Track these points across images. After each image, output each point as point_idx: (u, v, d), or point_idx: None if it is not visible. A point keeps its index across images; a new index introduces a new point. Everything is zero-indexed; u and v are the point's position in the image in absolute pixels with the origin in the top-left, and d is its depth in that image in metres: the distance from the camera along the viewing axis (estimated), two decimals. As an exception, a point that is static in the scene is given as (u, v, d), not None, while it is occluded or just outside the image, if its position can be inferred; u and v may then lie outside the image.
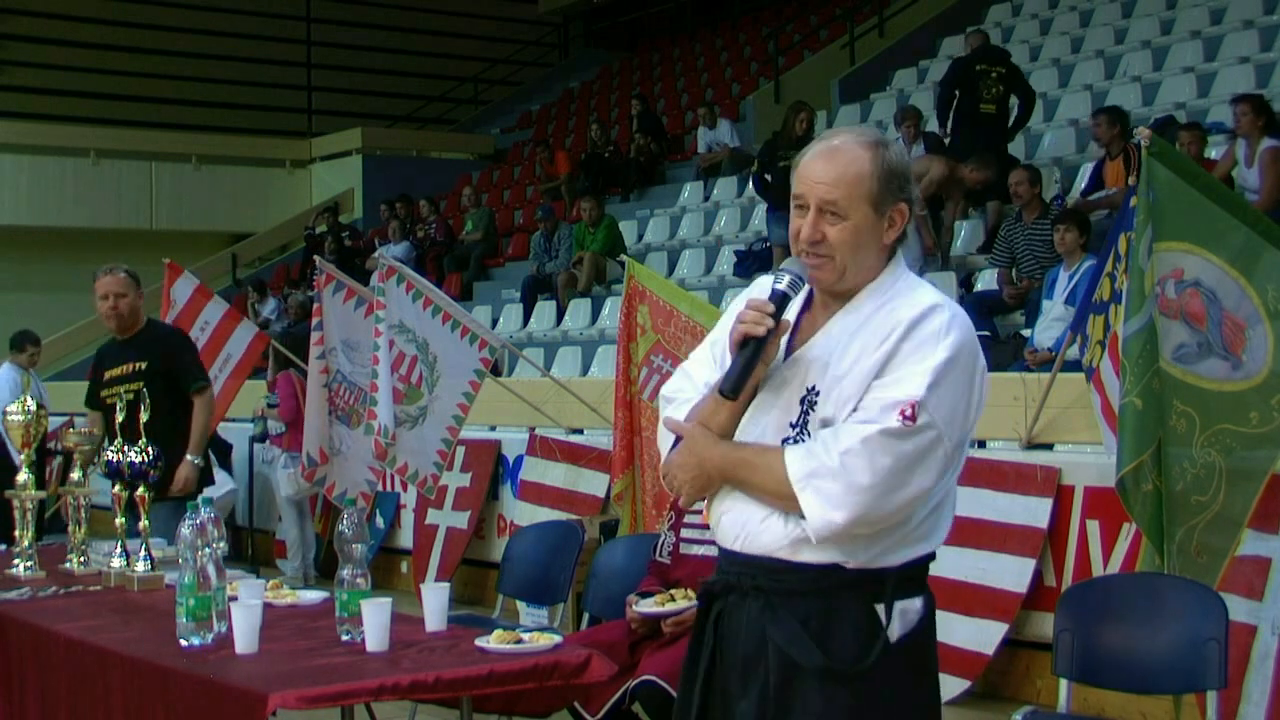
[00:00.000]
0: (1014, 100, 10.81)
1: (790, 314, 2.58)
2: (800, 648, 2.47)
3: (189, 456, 6.02)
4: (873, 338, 2.47)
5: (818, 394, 2.49)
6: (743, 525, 2.53)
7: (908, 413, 2.39)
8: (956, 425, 2.46)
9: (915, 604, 2.56)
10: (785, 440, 2.51)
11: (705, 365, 2.66)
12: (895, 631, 2.52)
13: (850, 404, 2.45)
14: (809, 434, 2.48)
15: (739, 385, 2.49)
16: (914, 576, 2.57)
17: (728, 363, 2.57)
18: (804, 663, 2.46)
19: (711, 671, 2.59)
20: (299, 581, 8.95)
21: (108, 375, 6.16)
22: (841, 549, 2.46)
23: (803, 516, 2.44)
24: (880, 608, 2.50)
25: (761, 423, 2.54)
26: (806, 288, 2.58)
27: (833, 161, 2.51)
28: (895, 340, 2.44)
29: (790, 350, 2.58)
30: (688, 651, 2.69)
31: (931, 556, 2.59)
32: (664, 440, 2.66)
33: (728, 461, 2.52)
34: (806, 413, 2.50)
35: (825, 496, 2.40)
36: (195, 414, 6.13)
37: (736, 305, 2.62)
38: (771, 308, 2.48)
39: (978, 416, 2.53)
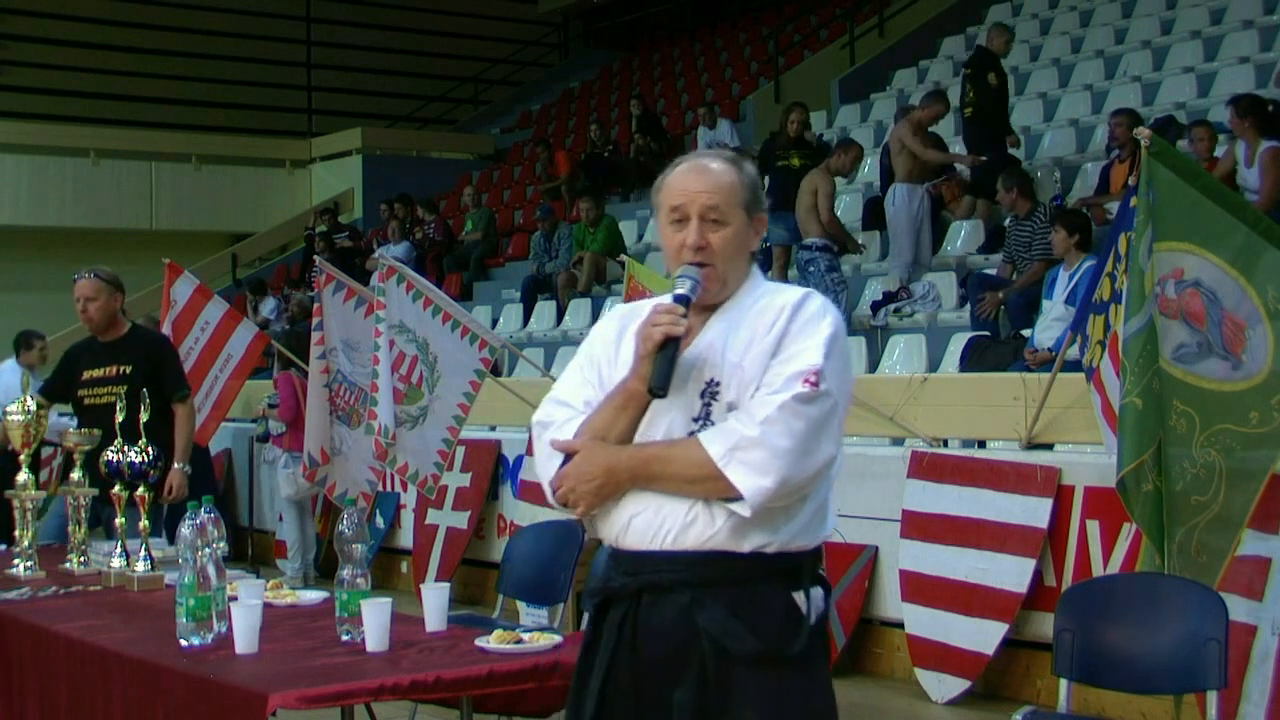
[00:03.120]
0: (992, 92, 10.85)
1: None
2: (734, 635, 2.58)
3: (177, 465, 6.04)
4: (760, 325, 2.65)
5: (718, 384, 2.64)
6: (661, 523, 2.62)
7: (812, 379, 2.57)
8: (845, 396, 2.66)
9: (820, 592, 2.70)
10: (691, 434, 2.63)
11: (581, 387, 2.78)
12: (812, 617, 2.66)
13: (753, 385, 2.60)
14: (713, 424, 2.62)
15: (668, 382, 2.60)
16: (817, 566, 2.72)
17: (610, 376, 2.72)
18: (738, 649, 2.57)
19: (612, 672, 2.67)
20: (299, 581, 8.96)
21: (87, 375, 6.15)
22: (766, 529, 2.59)
23: (726, 500, 2.56)
24: (798, 595, 2.64)
25: (662, 425, 2.65)
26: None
27: (706, 174, 2.72)
28: (784, 322, 2.63)
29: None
30: (580, 656, 2.79)
31: (821, 548, 2.73)
32: (544, 462, 2.74)
33: (637, 461, 2.62)
34: (709, 404, 2.64)
35: (751, 465, 2.53)
36: (179, 423, 6.17)
37: (594, 337, 2.85)
38: (682, 309, 2.62)
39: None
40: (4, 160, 18.31)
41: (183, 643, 3.51)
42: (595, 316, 12.66)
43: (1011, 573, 6.02)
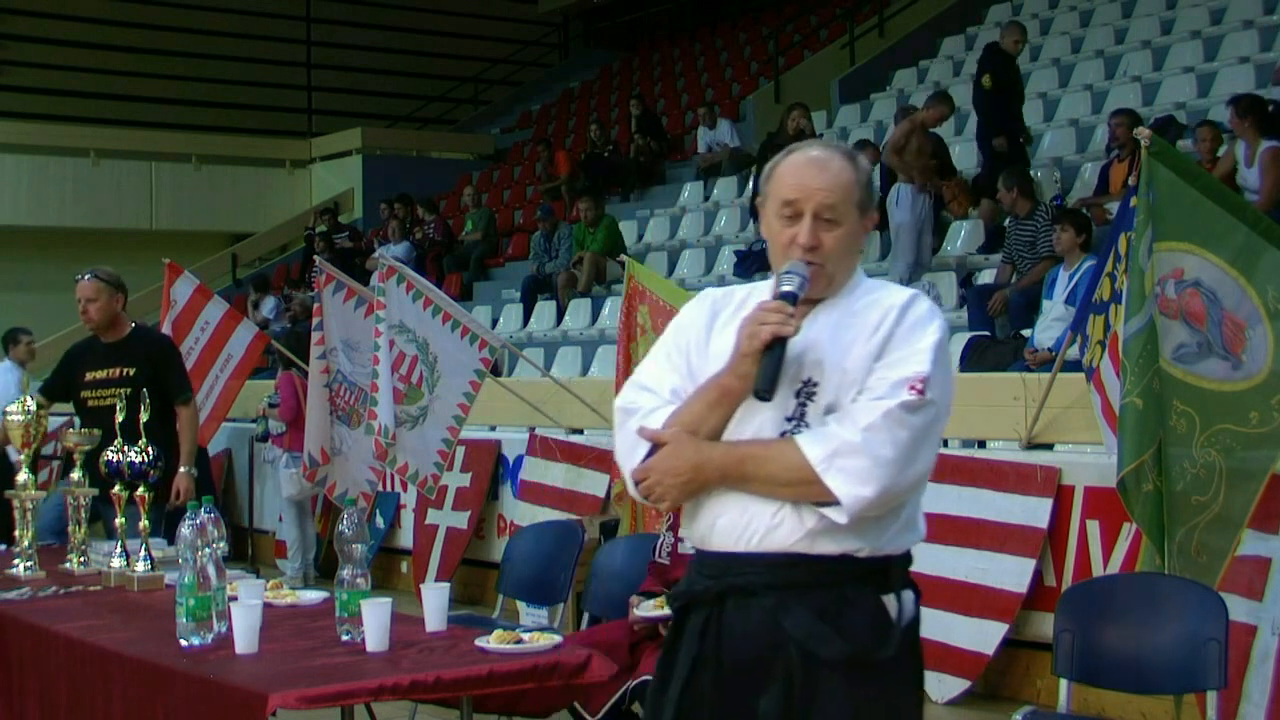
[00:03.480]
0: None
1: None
2: (821, 639, 2.50)
3: (183, 468, 6.05)
4: (864, 326, 2.56)
5: (815, 385, 2.55)
6: (747, 525, 2.54)
7: (918, 387, 2.48)
8: (947, 405, 2.56)
9: (910, 595, 2.62)
10: (783, 434, 2.54)
11: (668, 374, 2.68)
12: (902, 622, 2.58)
13: (854, 388, 2.52)
14: (807, 425, 2.53)
15: (775, 385, 2.51)
16: (907, 569, 2.64)
17: (700, 367, 2.62)
18: (827, 654, 2.50)
19: (694, 677, 2.58)
20: (299, 581, 8.95)
21: (90, 376, 6.15)
22: (858, 534, 2.51)
23: (819, 504, 2.48)
24: (888, 598, 2.56)
25: (753, 423, 2.56)
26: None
27: (825, 171, 2.60)
28: (890, 325, 2.54)
29: None
30: (660, 661, 2.69)
31: (910, 553, 2.66)
32: (628, 450, 2.63)
33: (730, 459, 2.53)
34: (804, 405, 2.55)
35: (851, 473, 2.45)
36: (183, 426, 6.17)
37: (684, 317, 2.74)
38: (791, 308, 2.51)
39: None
40: (4, 160, 18.31)
41: (183, 643, 3.51)
42: (595, 316, 12.66)
43: (1011, 573, 6.02)
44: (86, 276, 6.20)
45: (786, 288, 2.54)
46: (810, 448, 2.48)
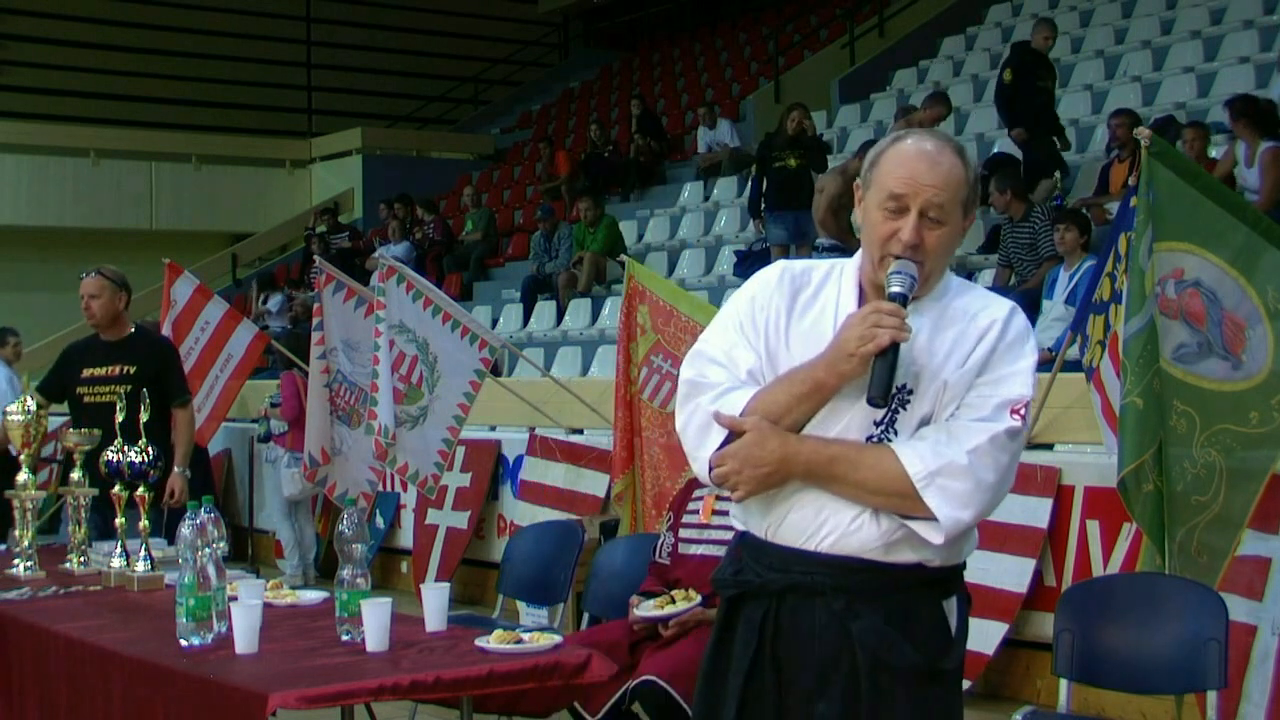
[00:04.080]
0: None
1: (846, 308, 2.54)
2: (893, 647, 2.46)
3: (178, 469, 6.07)
4: (964, 336, 2.48)
5: (910, 392, 2.47)
6: (821, 525, 2.48)
7: (1021, 411, 2.44)
8: (1029, 426, 2.53)
9: (957, 602, 2.59)
10: (869, 439, 2.47)
11: (744, 352, 2.55)
12: (959, 629, 2.56)
13: (954, 403, 2.46)
14: (895, 432, 2.47)
15: (889, 392, 2.42)
16: (961, 578, 2.62)
17: (778, 351, 2.53)
18: (895, 662, 2.46)
19: (756, 672, 2.53)
20: (299, 580, 8.96)
21: (87, 373, 6.17)
22: (935, 548, 2.46)
23: (906, 518, 2.43)
24: (948, 604, 2.54)
25: (839, 422, 2.48)
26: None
27: (937, 167, 2.48)
28: (994, 339, 2.47)
29: None
30: (711, 650, 2.63)
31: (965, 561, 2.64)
32: (698, 430, 2.53)
33: (820, 457, 2.45)
34: (895, 412, 2.47)
35: (953, 495, 2.40)
36: (180, 428, 6.20)
37: (759, 291, 2.59)
38: (905, 312, 2.42)
39: None
40: (4, 160, 18.30)
41: (183, 643, 3.51)
42: (595, 316, 12.66)
43: (1011, 573, 6.02)
44: (91, 273, 6.26)
45: (897, 288, 2.44)
46: (912, 462, 2.41)
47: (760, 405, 2.48)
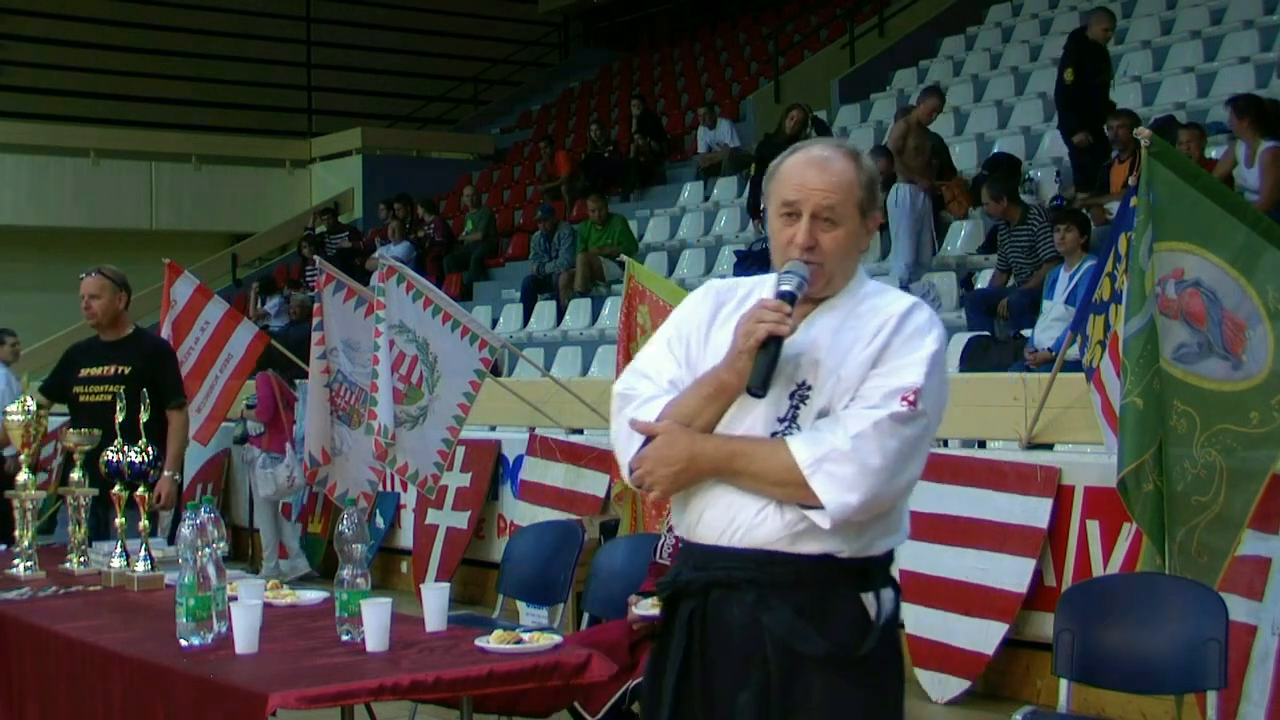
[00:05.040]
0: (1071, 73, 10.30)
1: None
2: (801, 637, 2.53)
3: (168, 473, 6.04)
4: (863, 332, 2.58)
5: (809, 388, 2.57)
6: (732, 520, 2.57)
7: (910, 398, 2.51)
8: (939, 416, 2.59)
9: (890, 593, 2.64)
10: (774, 434, 2.57)
11: (667, 363, 2.70)
12: (881, 619, 2.61)
13: (848, 395, 2.55)
14: (798, 427, 2.56)
15: (768, 383, 2.53)
16: (888, 568, 2.67)
17: (699, 358, 2.65)
18: (806, 651, 2.53)
19: (687, 668, 2.63)
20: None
21: (84, 372, 6.18)
22: (841, 537, 2.54)
23: (803, 506, 2.51)
24: (867, 597, 2.59)
25: (745, 420, 2.59)
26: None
27: (825, 171, 2.60)
28: (888, 333, 2.56)
29: None
30: (654, 651, 2.73)
31: (893, 552, 2.69)
32: (624, 438, 2.67)
33: (723, 454, 2.56)
34: (796, 407, 2.58)
35: (838, 479, 2.48)
36: (173, 431, 6.18)
37: (687, 306, 2.75)
38: (789, 308, 2.53)
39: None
40: (4, 160, 18.30)
41: (183, 643, 3.51)
42: (595, 316, 12.67)
43: (1011, 573, 6.02)
44: (92, 273, 6.27)
45: (785, 287, 2.56)
46: (800, 450, 2.51)
47: (675, 410, 2.62)
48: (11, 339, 10.96)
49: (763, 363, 2.52)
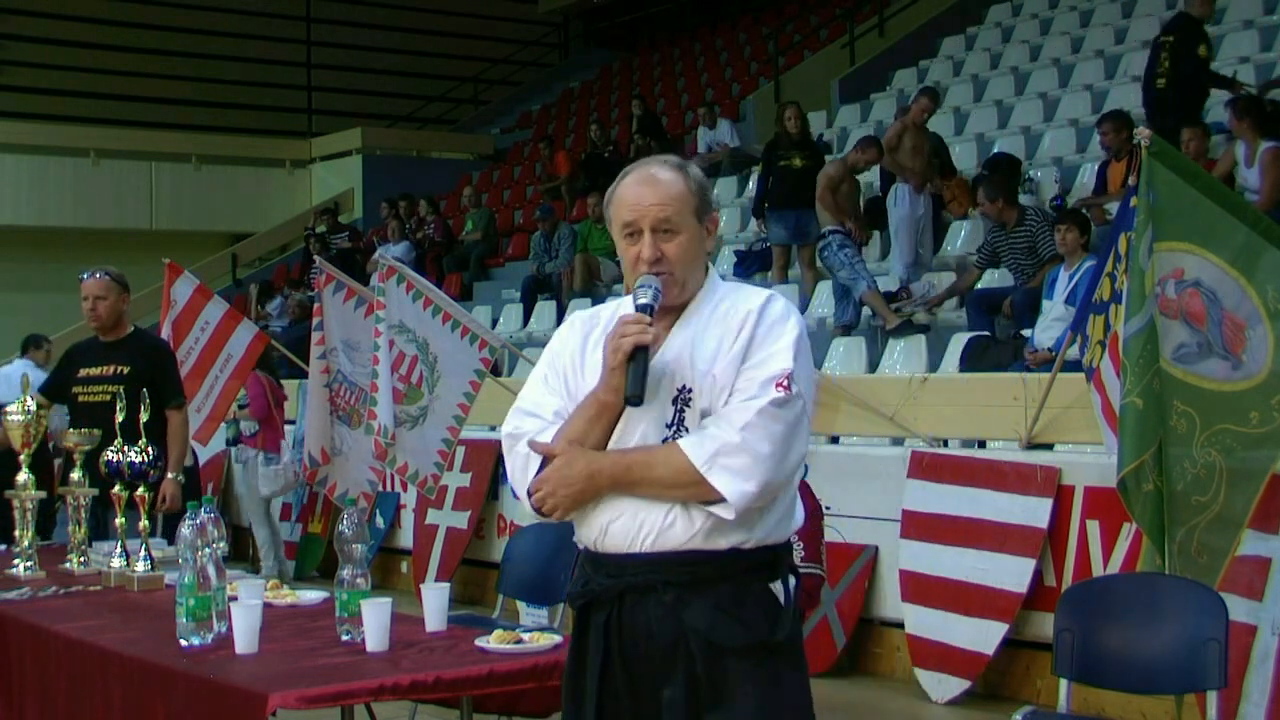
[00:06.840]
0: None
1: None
2: (722, 630, 2.64)
3: (171, 474, 6.03)
4: (728, 330, 2.70)
5: (690, 391, 2.69)
6: (639, 528, 2.67)
7: (784, 383, 2.64)
8: (812, 395, 2.74)
9: (792, 580, 2.78)
10: (664, 441, 2.68)
11: (548, 397, 2.81)
12: (790, 605, 2.74)
13: (725, 391, 2.66)
14: (686, 430, 2.68)
15: (643, 390, 2.64)
16: (789, 555, 2.81)
17: (577, 386, 2.76)
18: (728, 642, 2.64)
19: (608, 670, 2.71)
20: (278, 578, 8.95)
21: (83, 373, 6.16)
22: (745, 527, 2.66)
23: (704, 503, 2.62)
24: (776, 585, 2.72)
25: (635, 432, 2.70)
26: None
27: (655, 186, 2.74)
28: (751, 326, 2.69)
29: None
30: (570, 658, 2.81)
31: (791, 541, 2.83)
32: (520, 469, 2.77)
33: (619, 467, 2.67)
34: (681, 411, 2.70)
35: (734, 471, 2.60)
36: (173, 431, 6.17)
37: (556, 342, 2.88)
38: (649, 318, 2.65)
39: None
40: (4, 160, 18.30)
41: (183, 643, 3.51)
42: (595, 316, 12.64)
43: (1011, 573, 6.02)
44: (96, 274, 6.23)
45: (642, 300, 2.69)
46: (693, 450, 2.62)
47: (564, 436, 2.73)
48: (47, 344, 11.19)
49: (635, 373, 2.63)
